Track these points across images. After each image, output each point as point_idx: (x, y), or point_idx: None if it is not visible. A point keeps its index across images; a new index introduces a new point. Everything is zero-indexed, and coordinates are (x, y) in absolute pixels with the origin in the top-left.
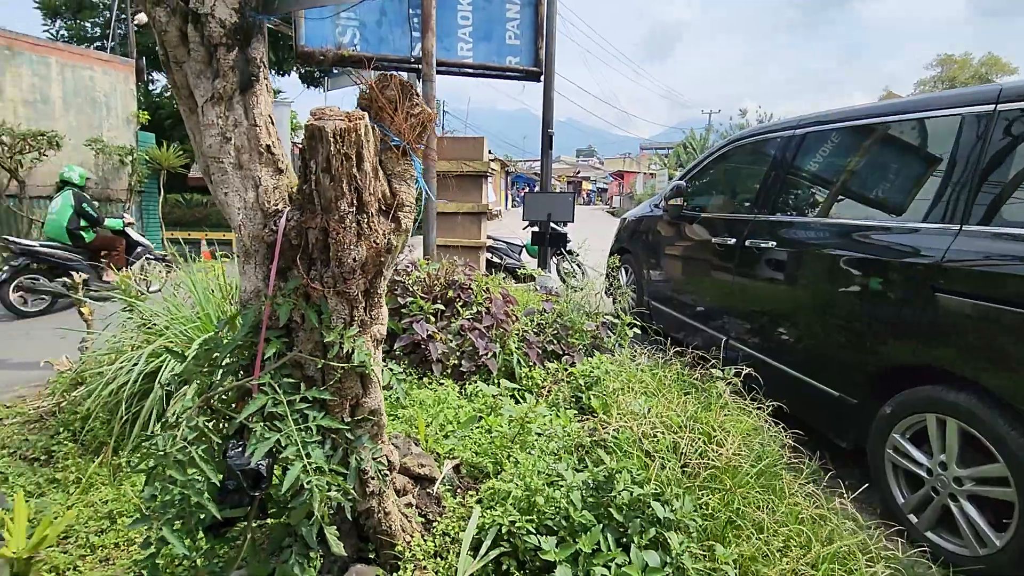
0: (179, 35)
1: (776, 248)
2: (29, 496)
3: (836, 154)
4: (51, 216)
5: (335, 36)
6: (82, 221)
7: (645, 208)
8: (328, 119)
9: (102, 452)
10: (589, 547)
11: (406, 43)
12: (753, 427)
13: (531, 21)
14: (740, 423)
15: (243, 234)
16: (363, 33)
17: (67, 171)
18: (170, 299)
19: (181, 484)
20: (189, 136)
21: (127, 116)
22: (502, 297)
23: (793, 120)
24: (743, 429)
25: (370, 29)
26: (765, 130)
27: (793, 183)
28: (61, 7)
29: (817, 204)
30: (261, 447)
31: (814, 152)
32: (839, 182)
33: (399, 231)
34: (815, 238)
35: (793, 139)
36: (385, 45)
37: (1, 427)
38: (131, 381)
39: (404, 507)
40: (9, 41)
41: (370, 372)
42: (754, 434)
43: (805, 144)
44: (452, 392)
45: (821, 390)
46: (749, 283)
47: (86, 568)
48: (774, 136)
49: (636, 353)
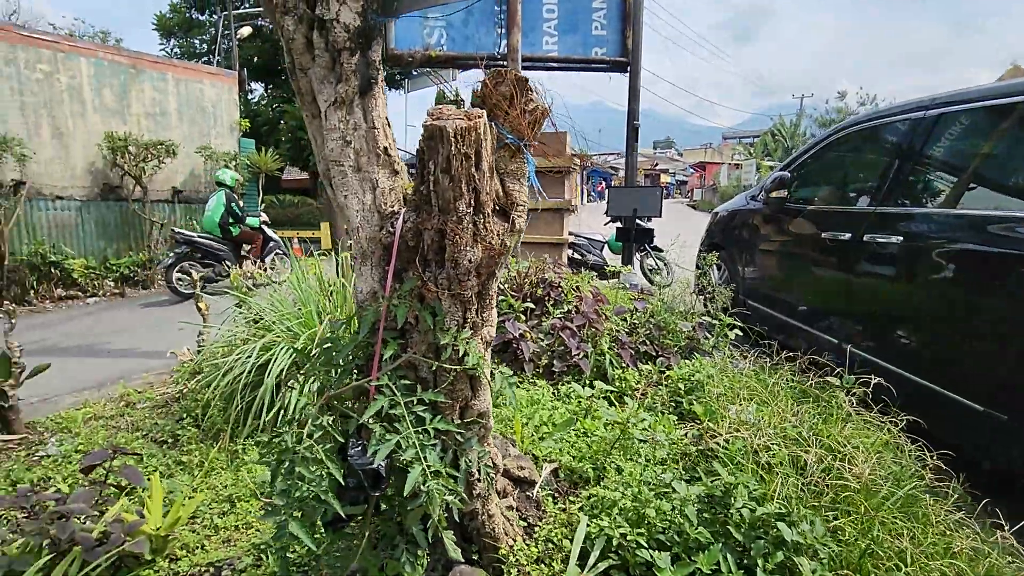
0: (305, 42)
1: (903, 243)
2: (160, 477)
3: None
4: (208, 212)
5: (423, 37)
6: (230, 218)
7: (740, 201)
8: (448, 119)
9: (220, 438)
10: (708, 567)
11: (491, 40)
12: (885, 443)
13: (619, 10)
14: (869, 438)
15: (360, 236)
16: (449, 33)
17: (221, 173)
18: (274, 296)
19: (308, 480)
20: (311, 140)
21: (231, 124)
22: (592, 295)
23: (923, 100)
24: (874, 446)
25: (456, 28)
26: (888, 113)
27: (921, 171)
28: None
29: (951, 194)
30: (383, 448)
31: (948, 136)
32: (978, 169)
33: (512, 231)
34: (950, 231)
35: (923, 122)
36: (471, 44)
37: (134, 410)
38: (244, 373)
39: (505, 510)
40: (134, 61)
41: (481, 375)
42: (886, 451)
43: (938, 128)
44: (546, 392)
45: (960, 403)
46: (868, 282)
47: (211, 547)
48: (899, 119)
49: (737, 356)
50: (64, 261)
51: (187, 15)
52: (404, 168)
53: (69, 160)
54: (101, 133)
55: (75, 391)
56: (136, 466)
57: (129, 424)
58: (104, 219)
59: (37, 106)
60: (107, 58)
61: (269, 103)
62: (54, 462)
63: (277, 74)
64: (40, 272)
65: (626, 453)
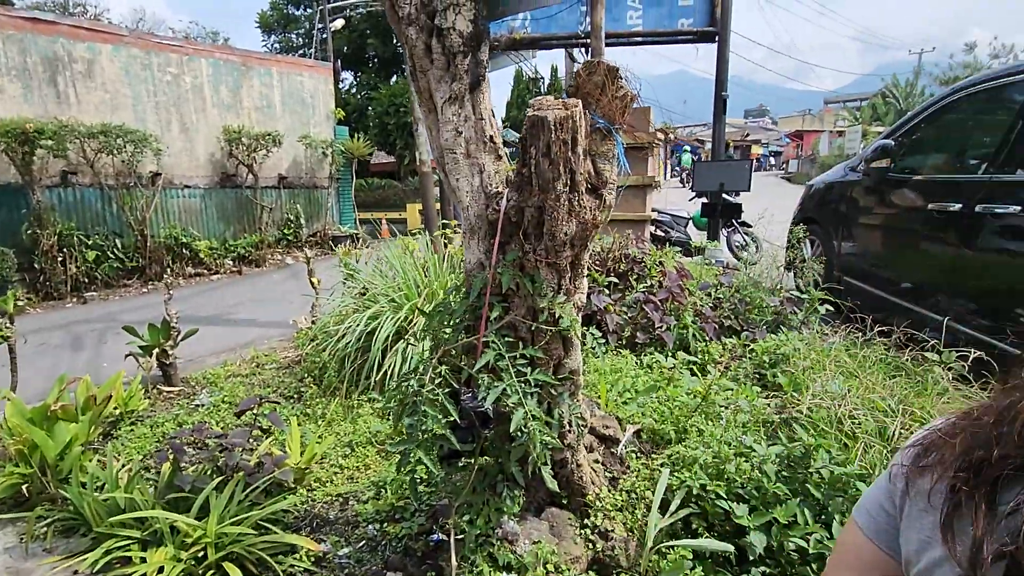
0: (424, 48)
1: (1021, 213)
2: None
3: None
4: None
5: (507, 21)
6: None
7: (838, 172)
8: (548, 109)
9: (337, 395)
10: (785, 518)
11: (574, 19)
12: None
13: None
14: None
15: (469, 213)
16: (533, 15)
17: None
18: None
19: (431, 417)
20: (426, 132)
21: (327, 113)
22: (676, 271)
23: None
24: None
25: (540, 10)
26: (1011, 71)
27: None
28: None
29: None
30: (493, 392)
31: None
32: None
33: (603, 207)
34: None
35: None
36: (554, 24)
37: (264, 370)
38: (355, 339)
39: (592, 463)
40: (244, 59)
41: (573, 335)
42: None
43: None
44: (629, 361)
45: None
46: (980, 255)
47: (339, 482)
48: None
49: (827, 332)
50: (193, 243)
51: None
52: (506, 153)
53: (194, 152)
54: (219, 127)
55: (214, 354)
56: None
57: (260, 382)
58: (223, 204)
59: (168, 105)
60: (222, 58)
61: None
62: (207, 410)
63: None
64: (174, 252)
65: (707, 418)
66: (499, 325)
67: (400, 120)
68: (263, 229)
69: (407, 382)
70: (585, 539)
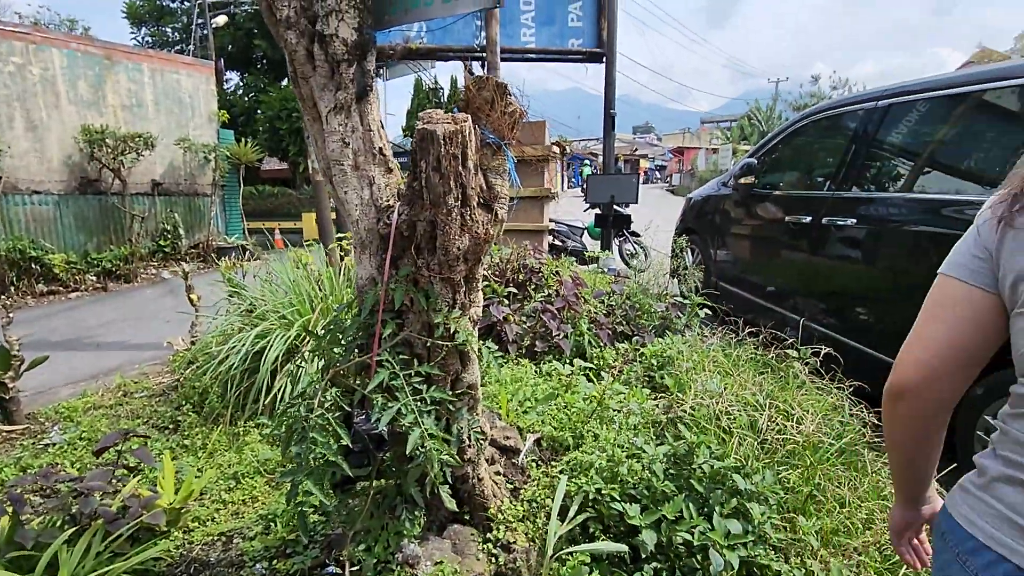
0: (306, 54)
1: (856, 225)
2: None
3: (923, 126)
4: None
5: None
6: None
7: (712, 187)
8: (437, 123)
9: (220, 422)
10: (672, 514)
11: (470, 32)
12: (833, 406)
13: (594, 1)
14: (819, 402)
15: (360, 227)
16: (428, 26)
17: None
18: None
19: (320, 444)
20: (312, 141)
21: (209, 115)
22: (572, 280)
23: (875, 91)
24: (822, 408)
25: (435, 21)
26: (844, 103)
27: (875, 157)
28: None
29: (901, 179)
30: (387, 414)
31: (898, 125)
32: (926, 155)
33: (496, 221)
34: (900, 214)
35: (875, 112)
36: (450, 36)
37: (133, 399)
38: (240, 360)
39: (493, 475)
40: (107, 51)
41: (470, 350)
42: (834, 413)
43: (888, 117)
44: (529, 371)
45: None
46: (826, 262)
47: (221, 519)
48: (854, 109)
49: (706, 334)
50: (44, 256)
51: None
52: (397, 165)
53: (45, 153)
54: (77, 126)
55: (71, 383)
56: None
57: (129, 412)
58: (83, 213)
59: (10, 98)
60: (80, 49)
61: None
62: (59, 449)
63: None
64: (20, 267)
65: (602, 422)
66: (393, 342)
67: (293, 125)
68: (134, 240)
69: (294, 407)
70: (488, 554)
